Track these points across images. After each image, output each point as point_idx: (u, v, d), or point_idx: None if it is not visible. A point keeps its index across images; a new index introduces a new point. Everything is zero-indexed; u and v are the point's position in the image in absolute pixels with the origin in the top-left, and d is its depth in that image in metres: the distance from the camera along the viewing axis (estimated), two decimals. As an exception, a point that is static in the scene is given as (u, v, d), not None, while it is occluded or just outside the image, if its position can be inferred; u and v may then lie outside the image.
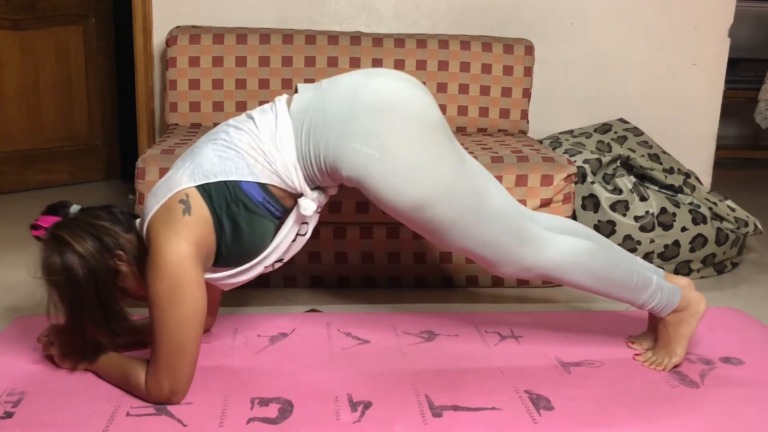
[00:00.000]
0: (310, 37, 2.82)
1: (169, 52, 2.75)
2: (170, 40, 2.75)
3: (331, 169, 1.56)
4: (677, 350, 1.77)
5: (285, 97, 1.64)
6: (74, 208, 1.61)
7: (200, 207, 1.53)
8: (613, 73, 3.19)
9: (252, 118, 1.61)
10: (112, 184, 3.76)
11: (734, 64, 4.03)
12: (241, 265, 1.62)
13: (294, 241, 1.66)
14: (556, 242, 1.68)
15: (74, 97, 3.66)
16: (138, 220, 1.62)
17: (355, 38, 2.83)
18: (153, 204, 1.54)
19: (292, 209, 1.62)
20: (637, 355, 1.83)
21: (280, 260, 1.67)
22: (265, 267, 1.64)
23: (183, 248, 1.47)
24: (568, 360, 1.81)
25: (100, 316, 1.53)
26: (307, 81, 2.81)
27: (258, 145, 1.55)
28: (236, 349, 1.80)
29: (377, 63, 2.83)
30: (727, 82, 3.29)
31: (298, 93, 1.63)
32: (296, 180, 1.57)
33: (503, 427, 1.49)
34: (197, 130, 2.66)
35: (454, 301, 2.28)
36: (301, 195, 1.61)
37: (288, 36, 2.80)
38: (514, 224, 1.64)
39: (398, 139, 1.52)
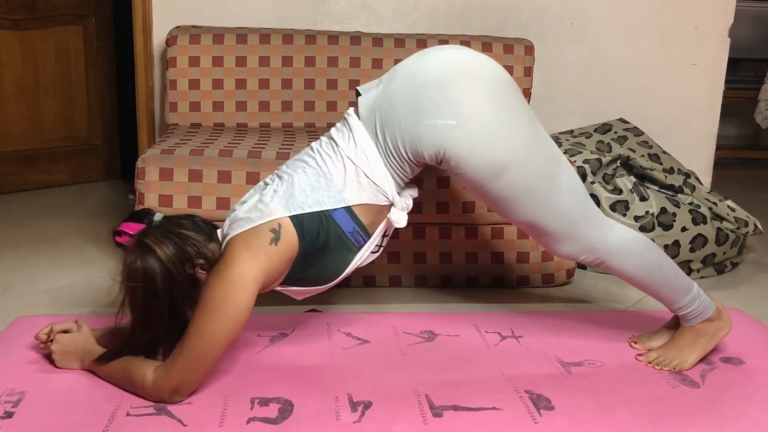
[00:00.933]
0: (310, 37, 2.82)
1: (169, 52, 2.75)
2: (170, 40, 2.75)
3: (413, 154, 1.58)
4: (690, 357, 1.77)
5: (352, 109, 1.66)
6: (158, 216, 1.63)
7: (290, 239, 1.55)
8: (613, 73, 3.19)
9: (333, 140, 1.64)
10: (112, 184, 3.76)
11: (734, 64, 4.02)
12: (312, 285, 1.67)
13: (374, 252, 1.70)
14: (617, 228, 1.71)
15: (74, 97, 3.66)
16: (219, 230, 1.64)
17: (355, 38, 2.83)
18: (244, 224, 1.55)
19: (374, 233, 1.65)
20: (640, 355, 1.83)
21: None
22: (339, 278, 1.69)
23: (253, 271, 1.50)
24: (569, 360, 1.81)
25: (169, 324, 1.55)
26: (306, 81, 2.81)
27: (344, 167, 1.59)
28: (236, 349, 1.80)
29: (377, 63, 2.83)
30: (727, 82, 3.29)
31: (361, 96, 1.65)
32: (388, 189, 1.61)
33: (504, 427, 1.49)
34: (197, 130, 2.66)
35: (454, 301, 2.28)
36: (390, 206, 1.64)
37: (288, 36, 2.80)
38: (582, 200, 1.66)
39: (470, 103, 1.53)
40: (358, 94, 1.68)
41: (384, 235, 1.71)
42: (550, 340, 1.93)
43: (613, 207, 2.60)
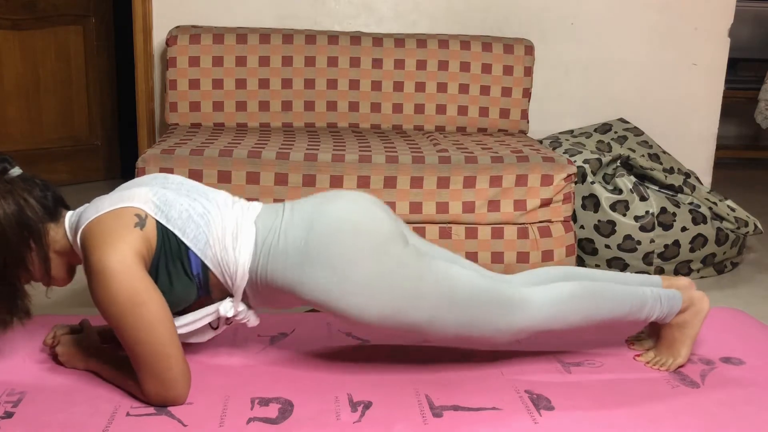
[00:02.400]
0: (310, 37, 2.82)
1: (169, 52, 2.75)
2: (170, 40, 2.75)
3: (289, 291, 1.55)
4: (682, 351, 1.76)
5: (259, 206, 1.62)
6: (15, 171, 1.55)
7: (152, 233, 1.48)
8: (613, 73, 3.19)
9: (232, 207, 1.59)
10: (112, 184, 3.74)
11: (734, 64, 4.03)
12: (175, 308, 1.57)
13: (201, 329, 1.61)
14: (536, 297, 1.65)
15: (74, 97, 3.66)
16: (70, 212, 1.57)
17: (355, 38, 2.83)
18: (104, 206, 1.49)
19: (214, 298, 1.60)
20: (638, 355, 1.83)
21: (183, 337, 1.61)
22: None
23: (127, 255, 1.41)
24: (569, 360, 1.81)
25: (2, 288, 1.48)
26: (306, 81, 2.81)
27: (221, 236, 1.54)
28: (236, 349, 1.80)
29: (377, 63, 2.83)
30: (727, 82, 3.29)
31: (264, 212, 1.61)
32: (237, 284, 1.56)
33: (504, 427, 1.49)
34: (197, 130, 2.66)
35: (454, 301, 2.27)
36: (230, 296, 1.59)
37: (288, 36, 2.80)
38: (489, 297, 1.62)
39: (352, 260, 1.52)
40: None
41: (218, 318, 1.62)
42: (550, 339, 1.93)
43: (613, 207, 2.60)
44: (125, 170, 3.83)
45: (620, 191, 2.61)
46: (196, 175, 2.19)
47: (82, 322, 1.71)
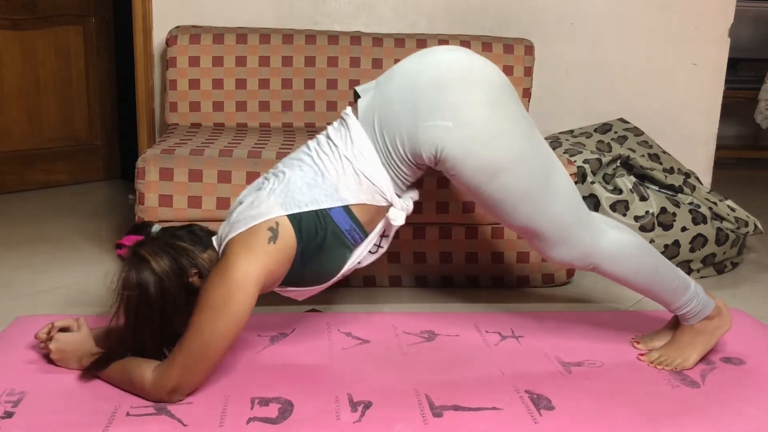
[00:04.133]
0: (310, 37, 2.82)
1: (169, 52, 2.75)
2: (170, 40, 2.75)
3: (412, 155, 1.58)
4: (692, 356, 1.77)
5: (349, 108, 1.66)
6: (155, 228, 1.64)
7: (288, 238, 1.55)
8: (613, 73, 3.19)
9: (330, 139, 1.63)
10: (112, 184, 3.76)
11: (734, 64, 4.03)
12: (311, 285, 1.66)
13: (373, 253, 1.70)
14: (611, 232, 1.71)
15: (74, 97, 3.66)
16: (215, 237, 1.65)
17: (355, 38, 2.83)
18: (240, 226, 1.56)
19: (371, 234, 1.66)
20: (642, 355, 1.83)
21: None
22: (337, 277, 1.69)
23: (254, 271, 1.50)
24: (569, 360, 1.81)
25: (159, 332, 1.56)
26: (306, 81, 2.81)
27: (342, 166, 1.59)
28: (236, 349, 1.80)
29: (377, 63, 2.83)
30: (727, 82, 3.29)
31: (360, 98, 1.65)
32: (386, 188, 1.61)
33: (504, 427, 1.49)
34: (197, 130, 2.66)
35: (454, 301, 2.28)
36: (389, 207, 1.64)
37: (288, 36, 2.80)
38: (577, 204, 1.67)
39: (466, 105, 1.54)
40: (355, 93, 1.68)
41: (383, 236, 1.71)
42: (550, 340, 1.93)
43: (613, 207, 2.60)
44: (125, 170, 3.83)
45: (620, 191, 2.61)
46: (196, 175, 2.19)
47: (78, 321, 1.71)
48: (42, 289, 2.27)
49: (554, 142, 2.88)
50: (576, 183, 2.58)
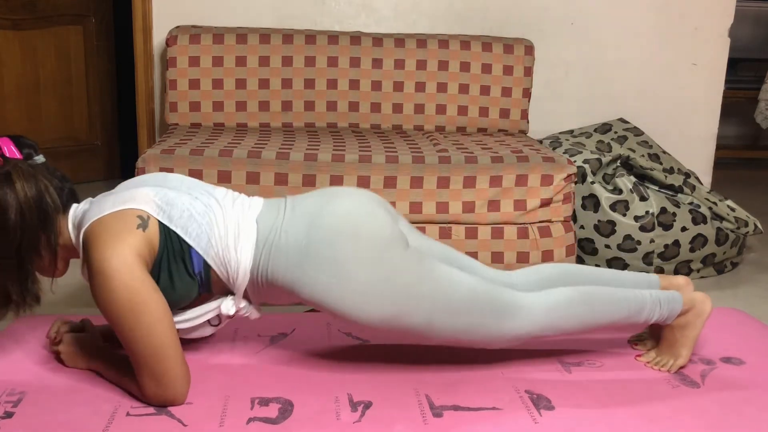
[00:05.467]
0: (310, 37, 2.82)
1: (169, 52, 2.75)
2: (170, 40, 2.75)
3: (289, 290, 1.56)
4: (682, 352, 1.76)
5: (261, 202, 1.62)
6: (39, 158, 1.57)
7: (154, 234, 1.49)
8: (613, 73, 3.19)
9: (233, 204, 1.59)
10: (112, 183, 3.73)
11: (734, 64, 4.03)
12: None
13: (202, 325, 1.62)
14: (533, 304, 1.65)
15: (74, 97, 3.66)
16: (75, 206, 1.58)
17: (355, 38, 2.83)
18: (107, 206, 1.49)
19: (214, 294, 1.60)
20: (639, 355, 1.83)
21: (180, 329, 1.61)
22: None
23: (129, 256, 1.42)
24: (569, 360, 1.81)
25: (14, 267, 1.48)
26: (306, 81, 2.81)
27: (223, 235, 1.54)
28: (236, 349, 1.80)
29: (377, 63, 2.83)
30: (727, 82, 3.29)
31: (265, 209, 1.61)
32: (239, 283, 1.56)
33: (504, 426, 1.49)
34: (197, 130, 2.66)
35: (454, 301, 2.27)
36: (232, 293, 1.60)
37: (288, 36, 2.80)
38: (488, 302, 1.62)
39: (353, 264, 1.53)
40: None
41: (218, 316, 1.63)
42: (550, 340, 1.93)
43: (613, 207, 2.60)
44: (125, 170, 3.83)
45: (620, 191, 2.61)
46: (196, 175, 2.19)
47: (84, 321, 1.71)
48: (42, 289, 2.26)
49: (554, 142, 2.88)
50: (576, 183, 2.59)
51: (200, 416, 1.48)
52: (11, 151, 1.52)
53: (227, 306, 1.59)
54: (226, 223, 1.56)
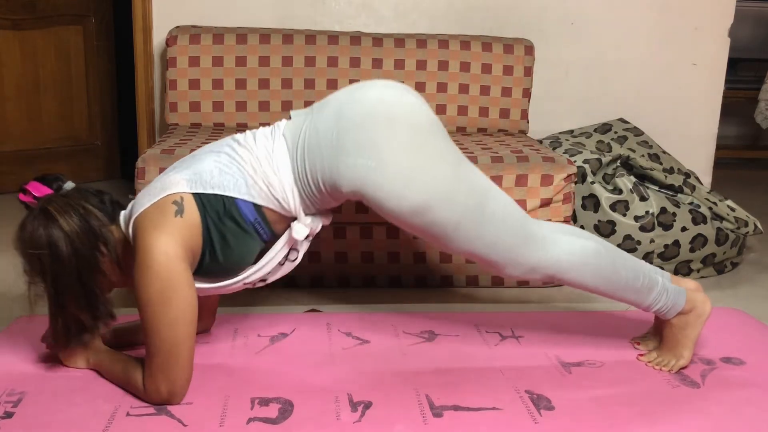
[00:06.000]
0: (310, 37, 2.82)
1: (169, 52, 2.75)
2: (170, 40, 2.75)
3: (330, 187, 1.56)
4: (684, 353, 1.76)
5: (284, 122, 1.64)
6: (68, 185, 1.59)
7: (193, 212, 1.52)
8: (613, 73, 3.19)
9: (254, 138, 1.61)
10: (112, 184, 3.76)
11: (734, 64, 4.03)
12: (222, 279, 1.61)
13: (282, 264, 1.65)
14: (561, 242, 1.67)
15: (74, 97, 3.66)
16: (123, 212, 1.61)
17: (355, 38, 2.83)
18: (145, 201, 1.53)
19: (281, 235, 1.62)
20: (641, 355, 1.83)
21: (263, 280, 1.66)
22: (245, 283, 1.64)
23: (171, 248, 1.46)
24: (569, 360, 1.81)
25: (81, 296, 1.51)
26: (306, 81, 2.81)
27: (257, 167, 1.56)
28: (236, 349, 1.80)
29: (377, 63, 2.83)
30: (727, 82, 3.29)
31: (292, 119, 1.63)
32: (292, 203, 1.58)
33: (504, 427, 1.49)
34: (197, 130, 2.66)
35: (454, 301, 2.28)
36: (295, 219, 1.61)
37: (288, 36, 2.80)
38: (517, 224, 1.63)
39: (390, 145, 1.52)
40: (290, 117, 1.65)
41: (294, 249, 1.65)
42: (550, 340, 1.93)
43: (613, 207, 2.60)
44: (125, 170, 3.84)
45: (620, 191, 2.61)
46: (196, 175, 2.20)
47: None
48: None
49: (554, 142, 2.88)
50: (576, 183, 2.59)
51: (200, 416, 1.48)
52: (41, 191, 1.56)
53: (297, 230, 1.60)
54: (256, 155, 1.57)
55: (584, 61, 3.17)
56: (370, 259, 2.35)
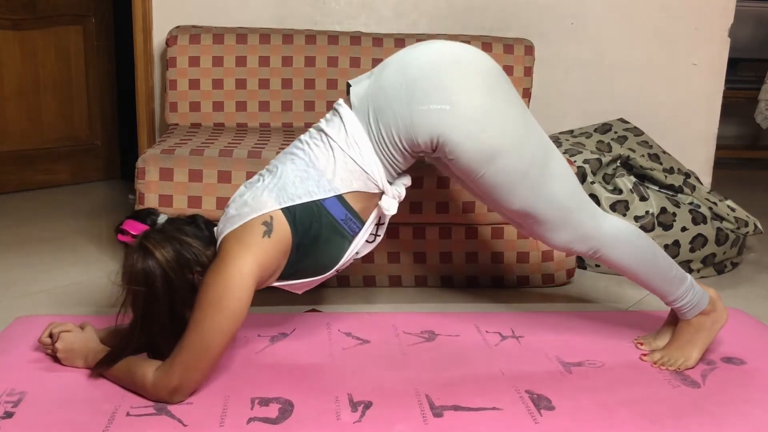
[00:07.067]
0: (310, 37, 2.82)
1: (169, 52, 2.75)
2: (170, 40, 2.75)
3: (407, 142, 1.59)
4: (693, 354, 1.77)
5: (341, 99, 1.67)
6: (161, 218, 1.64)
7: (283, 230, 1.56)
8: (613, 73, 3.19)
9: (322, 131, 1.65)
10: (112, 184, 3.76)
11: (734, 64, 4.03)
12: (310, 277, 1.67)
13: (371, 242, 1.72)
14: (610, 218, 1.73)
15: (74, 97, 3.66)
16: (216, 232, 1.65)
17: (355, 38, 2.83)
18: (236, 221, 1.57)
19: (368, 220, 1.67)
20: (645, 355, 1.83)
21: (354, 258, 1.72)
22: (337, 270, 1.70)
23: (249, 265, 1.51)
24: (569, 360, 1.81)
25: (169, 326, 1.56)
26: (306, 81, 2.81)
27: (333, 155, 1.60)
28: (236, 349, 1.80)
29: (377, 63, 2.83)
30: (727, 82, 3.29)
31: (353, 87, 1.66)
32: (378, 176, 1.62)
33: (504, 427, 1.49)
34: (197, 130, 2.66)
35: (454, 301, 2.28)
36: (381, 194, 1.65)
37: (288, 36, 2.80)
38: (575, 187, 1.68)
39: (463, 88, 1.55)
40: (348, 85, 1.68)
41: (379, 224, 1.72)
42: (550, 340, 1.93)
43: (613, 207, 2.60)
44: (125, 170, 3.83)
45: (620, 191, 2.61)
46: (196, 175, 2.19)
47: (82, 324, 1.71)
48: (42, 289, 2.27)
49: (554, 142, 2.88)
50: (576, 183, 2.58)
51: (200, 416, 1.48)
52: (137, 228, 1.60)
53: (388, 206, 1.65)
54: (329, 144, 1.61)
55: (584, 61, 3.17)
56: (371, 260, 2.35)
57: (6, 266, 2.47)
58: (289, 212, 1.57)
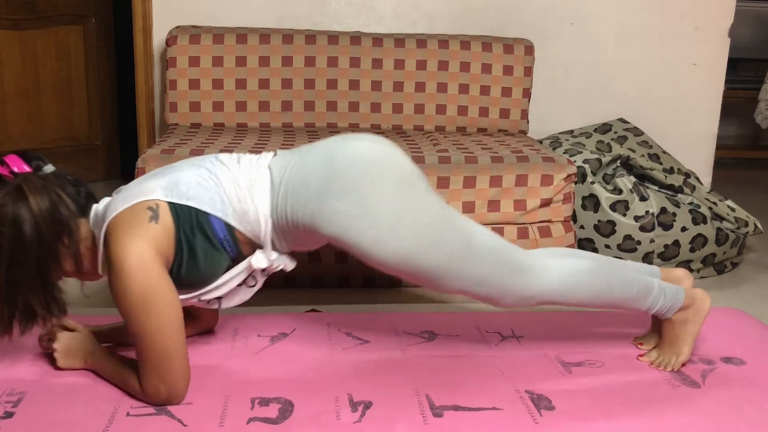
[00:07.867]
0: (310, 37, 2.82)
1: (169, 52, 2.75)
2: (170, 40, 2.75)
3: (310, 228, 1.55)
4: (684, 349, 1.77)
5: (270, 154, 1.63)
6: (48, 168, 1.57)
7: (167, 220, 1.50)
8: (613, 73, 3.19)
9: (239, 162, 1.60)
10: (112, 184, 3.76)
11: (734, 64, 4.03)
12: (185, 292, 1.59)
13: (240, 286, 1.64)
14: (552, 266, 1.67)
15: (74, 97, 3.66)
16: (96, 207, 1.59)
17: (355, 38, 2.83)
18: (119, 204, 1.51)
19: (245, 257, 1.61)
20: (641, 355, 1.83)
21: (218, 298, 1.63)
22: (200, 300, 1.62)
23: (145, 251, 1.44)
24: (569, 360, 1.81)
25: (37, 283, 1.48)
26: (306, 81, 2.81)
27: (236, 189, 1.55)
28: (236, 349, 1.80)
29: (377, 63, 2.83)
30: (727, 82, 3.29)
31: (278, 155, 1.62)
32: (263, 232, 1.57)
33: (504, 427, 1.49)
34: (197, 130, 2.66)
35: (454, 301, 2.28)
36: (261, 247, 1.60)
37: (288, 36, 2.80)
38: (505, 256, 1.63)
39: (376, 193, 1.52)
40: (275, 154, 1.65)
41: (250, 275, 1.64)
42: (550, 340, 1.93)
43: (613, 207, 2.60)
44: (125, 170, 3.84)
45: (620, 191, 2.61)
46: (196, 175, 2.20)
47: (75, 324, 1.70)
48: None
49: (554, 142, 2.88)
50: (576, 183, 2.59)
51: (200, 416, 1.48)
52: (20, 167, 1.53)
53: (257, 259, 1.58)
54: (236, 177, 1.56)
55: (584, 61, 3.17)
56: (370, 259, 2.35)
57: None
58: (174, 209, 1.51)
